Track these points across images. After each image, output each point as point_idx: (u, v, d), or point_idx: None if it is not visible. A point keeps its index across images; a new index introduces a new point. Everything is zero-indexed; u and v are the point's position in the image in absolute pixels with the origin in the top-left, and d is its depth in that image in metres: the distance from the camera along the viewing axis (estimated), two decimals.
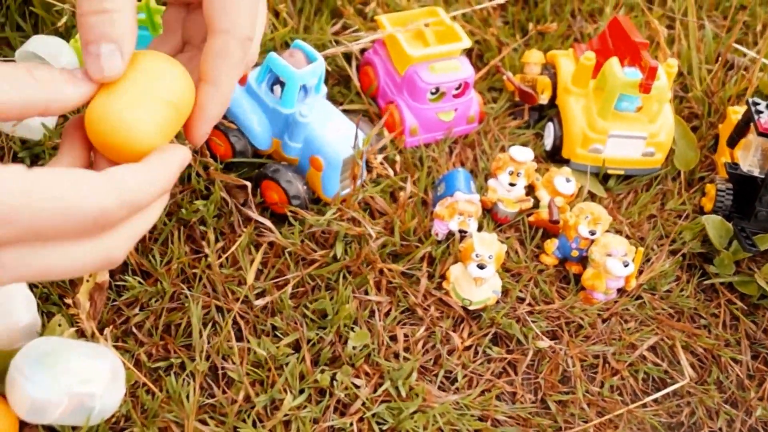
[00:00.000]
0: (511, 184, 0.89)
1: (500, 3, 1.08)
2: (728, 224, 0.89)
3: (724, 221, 0.89)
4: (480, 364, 0.79)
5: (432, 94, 0.93)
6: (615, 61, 0.93)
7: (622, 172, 0.96)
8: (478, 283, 0.80)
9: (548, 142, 0.98)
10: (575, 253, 0.86)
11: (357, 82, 0.98)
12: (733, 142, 0.94)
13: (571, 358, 0.81)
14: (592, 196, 0.95)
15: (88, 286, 0.73)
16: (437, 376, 0.78)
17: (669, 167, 0.98)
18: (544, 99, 1.01)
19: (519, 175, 0.89)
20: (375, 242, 0.81)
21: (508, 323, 0.81)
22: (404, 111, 0.93)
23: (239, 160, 0.85)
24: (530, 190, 0.92)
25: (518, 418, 0.77)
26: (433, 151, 0.95)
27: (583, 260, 0.87)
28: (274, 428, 0.71)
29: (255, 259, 0.79)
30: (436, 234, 0.85)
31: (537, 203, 0.91)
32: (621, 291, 0.87)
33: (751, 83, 1.03)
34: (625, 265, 0.83)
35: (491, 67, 1.04)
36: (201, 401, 0.72)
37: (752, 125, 0.90)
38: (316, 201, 0.85)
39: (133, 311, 0.76)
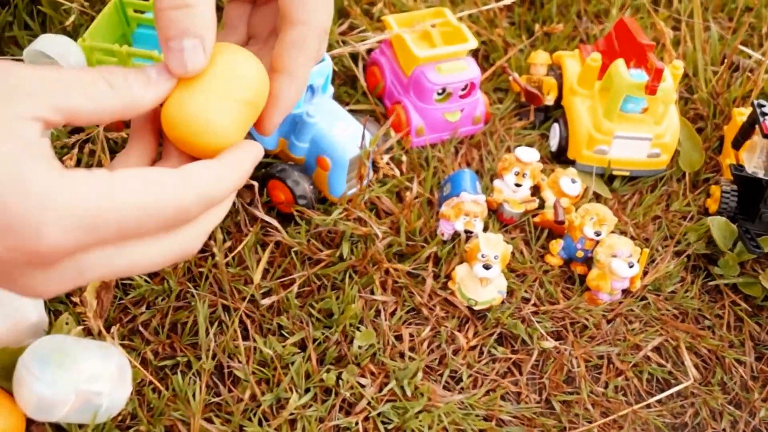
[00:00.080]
0: (517, 185, 0.89)
1: (507, 4, 1.08)
2: (733, 226, 0.89)
3: (728, 223, 0.89)
4: (485, 364, 0.79)
5: (438, 94, 0.93)
6: (621, 63, 0.93)
7: (628, 173, 0.96)
8: (484, 284, 0.80)
9: (554, 143, 0.98)
10: (580, 254, 0.86)
11: (363, 83, 0.98)
12: (738, 144, 0.95)
13: (576, 358, 0.81)
14: (598, 197, 0.95)
15: (94, 285, 0.73)
16: (442, 375, 0.78)
17: (674, 168, 0.99)
18: (549, 100, 1.01)
19: (525, 175, 0.89)
20: (381, 242, 0.81)
21: (513, 323, 0.81)
22: (411, 111, 0.94)
23: None
24: (536, 190, 0.92)
25: (523, 418, 0.77)
26: (439, 151, 0.95)
27: (588, 261, 0.87)
28: (280, 427, 0.71)
29: (261, 258, 0.79)
30: (442, 234, 0.85)
31: (542, 204, 0.91)
32: (626, 292, 0.87)
33: (756, 85, 1.03)
34: (630, 266, 0.83)
35: (497, 67, 1.04)
36: (207, 400, 0.72)
37: (757, 127, 0.90)
38: (323, 201, 0.85)
39: (139, 310, 0.76)
